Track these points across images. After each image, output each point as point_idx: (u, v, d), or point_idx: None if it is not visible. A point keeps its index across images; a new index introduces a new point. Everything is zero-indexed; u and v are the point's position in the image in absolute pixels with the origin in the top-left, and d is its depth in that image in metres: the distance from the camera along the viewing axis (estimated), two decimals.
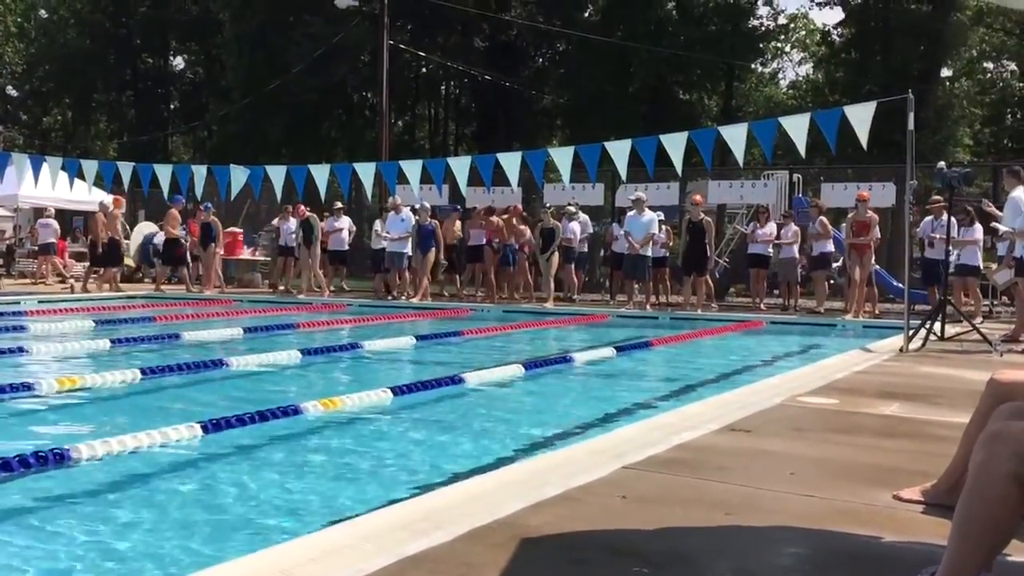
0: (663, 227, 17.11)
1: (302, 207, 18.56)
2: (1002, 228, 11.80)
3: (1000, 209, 12.96)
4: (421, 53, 35.19)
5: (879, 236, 15.49)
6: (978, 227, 14.95)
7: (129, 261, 23.49)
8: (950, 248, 12.28)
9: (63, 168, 16.51)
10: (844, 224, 15.98)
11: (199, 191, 16.13)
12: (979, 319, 13.73)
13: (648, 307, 16.70)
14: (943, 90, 35.41)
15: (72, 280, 20.78)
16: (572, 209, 18.73)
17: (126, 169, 15.95)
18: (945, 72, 36.49)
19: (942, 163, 11.80)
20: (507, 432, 6.47)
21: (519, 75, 37.57)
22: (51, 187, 18.07)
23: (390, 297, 18.32)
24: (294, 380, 8.93)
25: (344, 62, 34.79)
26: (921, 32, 32.91)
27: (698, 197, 16.74)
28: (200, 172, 15.85)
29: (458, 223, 19.86)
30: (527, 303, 17.69)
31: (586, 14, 38.28)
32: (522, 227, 18.64)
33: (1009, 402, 3.43)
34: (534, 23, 36.26)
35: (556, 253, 17.88)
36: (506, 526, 3.54)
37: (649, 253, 16.69)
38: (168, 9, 45.61)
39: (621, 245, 17.48)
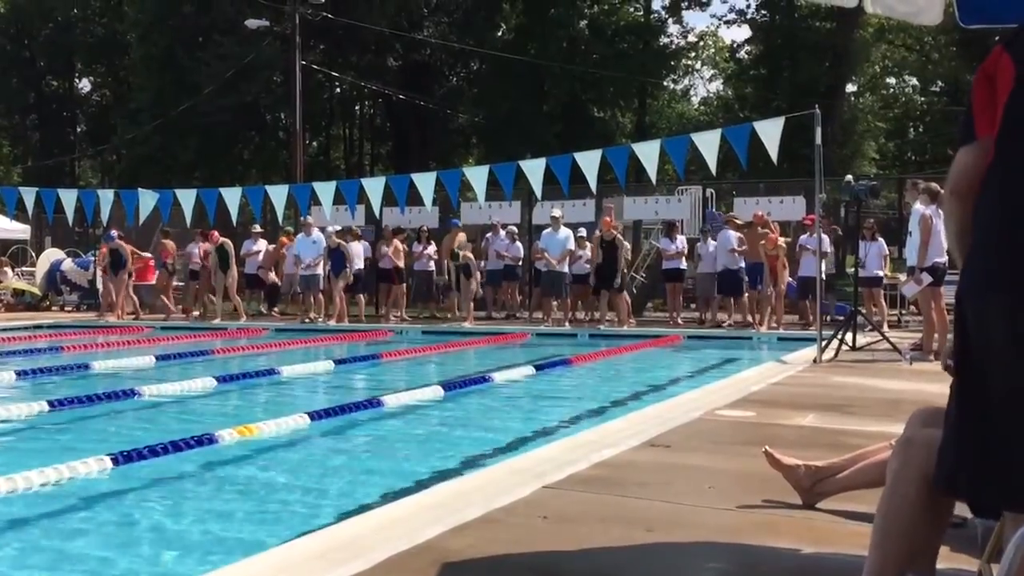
0: (587, 244, 17.06)
1: (215, 233, 18.13)
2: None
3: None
4: (334, 73, 34.92)
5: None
6: (881, 241, 15.83)
7: (35, 290, 22.84)
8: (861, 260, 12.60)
9: None
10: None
11: (105, 216, 15.75)
12: (884, 328, 14.03)
13: (567, 324, 16.73)
14: (848, 105, 36.33)
15: None
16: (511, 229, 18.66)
17: (29, 195, 15.55)
18: (850, 88, 37.46)
19: (849, 176, 12.08)
20: (427, 455, 6.40)
21: (433, 94, 37.52)
22: None
23: (307, 320, 18.07)
24: (209, 408, 8.73)
25: (256, 83, 34.33)
26: (826, 49, 33.74)
27: (607, 219, 16.72)
28: (107, 196, 15.51)
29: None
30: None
31: (499, 33, 38.40)
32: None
33: (921, 408, 3.49)
34: (447, 42, 36.29)
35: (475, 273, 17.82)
36: (427, 551, 3.49)
37: (566, 270, 16.75)
38: (73, 31, 44.52)
39: (541, 263, 17.43)
